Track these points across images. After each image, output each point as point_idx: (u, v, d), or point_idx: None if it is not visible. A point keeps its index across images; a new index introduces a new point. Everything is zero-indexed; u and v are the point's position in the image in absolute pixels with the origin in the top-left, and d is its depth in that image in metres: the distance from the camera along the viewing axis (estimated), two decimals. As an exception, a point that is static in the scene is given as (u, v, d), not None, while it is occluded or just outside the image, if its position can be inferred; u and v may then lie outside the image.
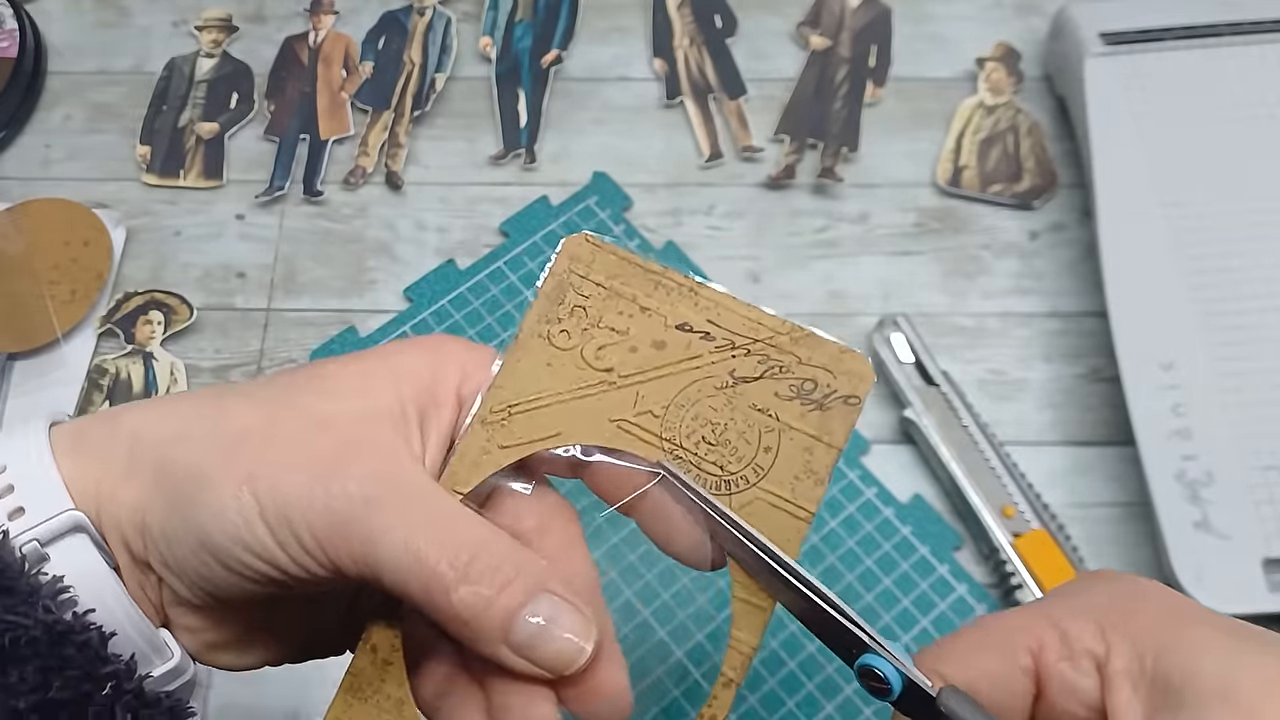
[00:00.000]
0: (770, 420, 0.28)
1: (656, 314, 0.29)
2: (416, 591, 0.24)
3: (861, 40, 0.61)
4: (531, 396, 0.28)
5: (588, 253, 0.29)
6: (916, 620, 0.46)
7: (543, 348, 0.28)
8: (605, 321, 0.29)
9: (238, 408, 0.25)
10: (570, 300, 0.29)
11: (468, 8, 0.63)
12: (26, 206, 0.56)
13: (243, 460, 0.24)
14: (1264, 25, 0.53)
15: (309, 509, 0.23)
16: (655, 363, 0.28)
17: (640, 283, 0.29)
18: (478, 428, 0.27)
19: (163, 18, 0.63)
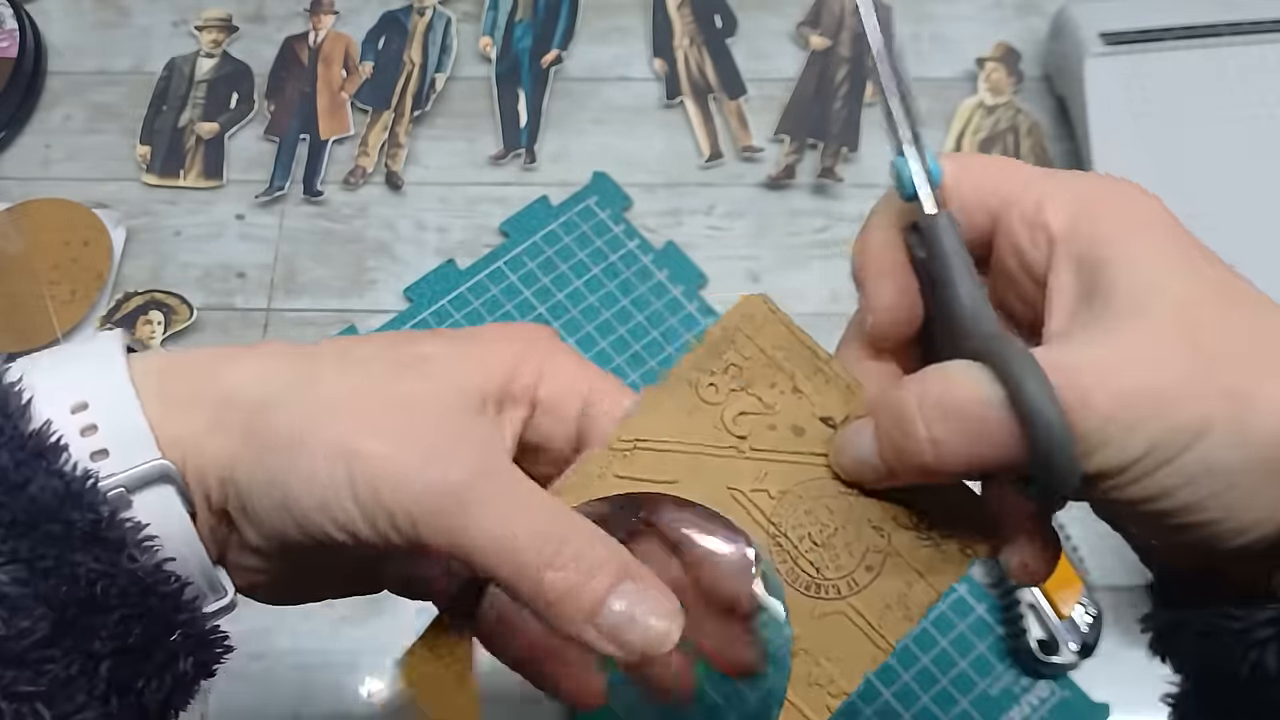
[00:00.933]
0: (882, 541, 0.27)
1: (807, 399, 0.28)
2: (506, 574, 0.24)
3: (861, 40, 0.61)
4: (662, 438, 0.28)
5: (761, 315, 0.29)
6: (916, 620, 0.46)
7: (688, 395, 0.28)
8: (755, 389, 0.29)
9: (332, 376, 0.25)
10: (729, 357, 0.29)
11: (468, 8, 0.63)
12: (26, 206, 0.56)
13: (336, 432, 0.24)
14: (1264, 25, 0.53)
15: (404, 491, 0.24)
16: (789, 446, 0.28)
17: (802, 363, 0.29)
18: (602, 451, 0.27)
19: (163, 18, 0.63)
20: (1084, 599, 0.45)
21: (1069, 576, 0.45)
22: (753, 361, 0.29)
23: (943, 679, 0.45)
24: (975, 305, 0.25)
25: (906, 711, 0.44)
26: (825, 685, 0.27)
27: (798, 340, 0.29)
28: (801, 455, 0.28)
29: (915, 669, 0.45)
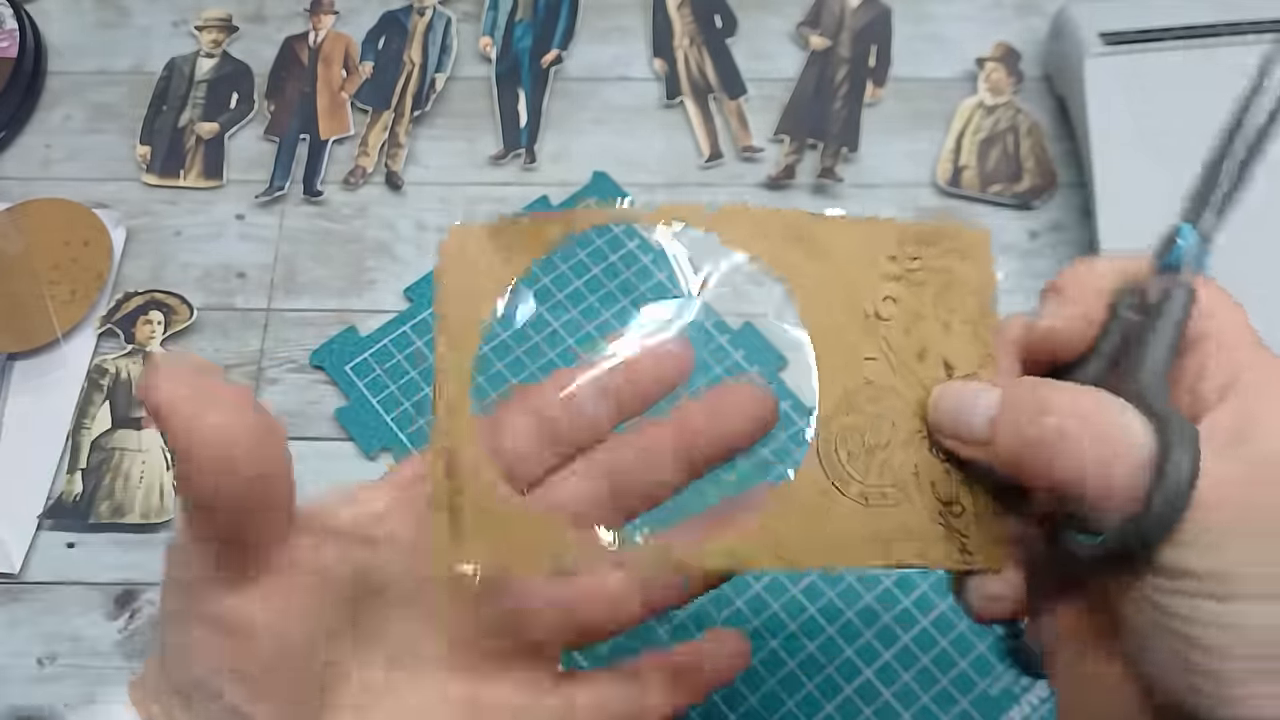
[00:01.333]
0: (913, 491, 0.28)
1: (951, 337, 0.30)
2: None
3: (861, 40, 0.61)
4: (831, 252, 0.31)
5: (979, 252, 0.30)
6: (916, 620, 0.46)
7: (876, 240, 0.31)
8: (922, 293, 0.30)
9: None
10: (930, 254, 0.30)
11: (468, 8, 0.63)
12: (26, 206, 0.56)
13: None
14: (1264, 25, 0.53)
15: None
16: (905, 356, 0.29)
17: (970, 309, 0.30)
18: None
19: (163, 18, 0.63)
20: (1084, 599, 0.45)
21: (1069, 576, 0.45)
22: (939, 274, 0.29)
23: (943, 679, 0.45)
24: (1159, 375, 0.25)
25: (906, 711, 0.44)
26: (777, 545, 0.28)
27: (983, 292, 0.30)
28: (908, 371, 0.29)
29: (915, 669, 0.45)
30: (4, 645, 0.47)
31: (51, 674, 0.46)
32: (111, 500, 0.49)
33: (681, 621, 0.46)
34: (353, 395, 0.51)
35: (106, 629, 0.47)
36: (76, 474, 0.50)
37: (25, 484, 0.50)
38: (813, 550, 0.28)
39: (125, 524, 0.49)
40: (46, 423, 0.51)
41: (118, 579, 0.48)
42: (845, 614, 0.46)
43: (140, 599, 0.47)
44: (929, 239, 0.30)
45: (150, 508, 0.49)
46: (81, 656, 0.46)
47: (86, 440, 0.51)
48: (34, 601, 0.48)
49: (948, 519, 0.28)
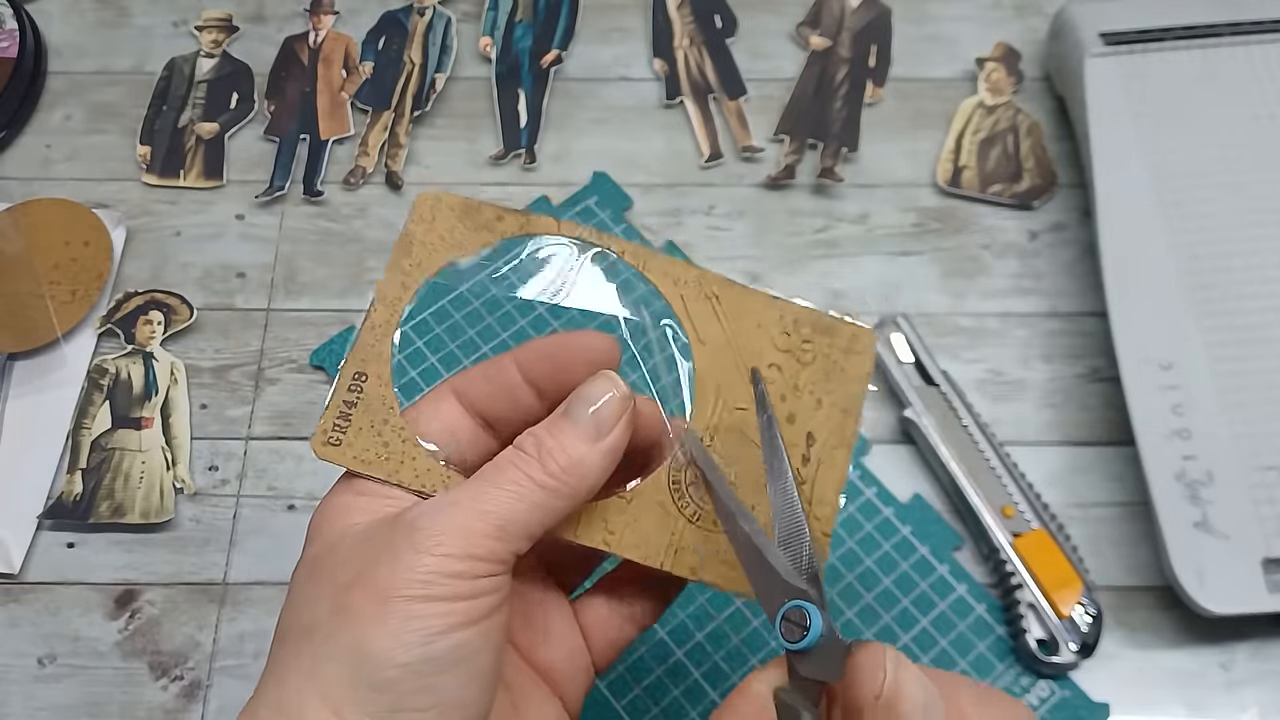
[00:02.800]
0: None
1: (821, 413, 0.33)
2: (543, 500, 0.28)
3: (861, 40, 0.61)
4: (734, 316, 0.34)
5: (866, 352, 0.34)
6: (916, 620, 0.46)
7: (775, 316, 0.33)
8: (804, 374, 0.33)
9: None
10: (815, 346, 0.33)
11: (468, 8, 0.63)
12: (26, 206, 0.56)
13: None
14: (1264, 25, 0.53)
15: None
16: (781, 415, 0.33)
17: (847, 399, 0.33)
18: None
19: (163, 18, 0.63)
20: (1084, 599, 0.45)
21: (1069, 576, 0.45)
22: (825, 359, 0.33)
23: (943, 679, 0.45)
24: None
25: (906, 711, 0.44)
26: (616, 534, 0.31)
27: (859, 384, 0.33)
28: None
29: (915, 669, 0.45)
30: (4, 645, 0.47)
31: (51, 674, 0.46)
32: (111, 500, 0.49)
33: (682, 622, 0.46)
34: (353, 395, 0.51)
35: (106, 629, 0.47)
36: (76, 474, 0.50)
37: (25, 484, 0.50)
38: (632, 545, 0.31)
39: (125, 524, 0.49)
40: (46, 423, 0.51)
41: (118, 579, 0.48)
42: (845, 613, 0.46)
43: (140, 599, 0.47)
44: (824, 329, 0.33)
45: (150, 508, 0.49)
46: (81, 656, 0.46)
47: (86, 440, 0.51)
48: (34, 601, 0.48)
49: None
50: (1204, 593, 0.43)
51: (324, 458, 0.30)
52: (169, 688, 0.46)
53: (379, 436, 0.30)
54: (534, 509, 0.28)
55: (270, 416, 0.51)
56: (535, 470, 0.28)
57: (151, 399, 0.52)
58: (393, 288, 0.32)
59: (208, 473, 0.50)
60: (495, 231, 0.33)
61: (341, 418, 0.30)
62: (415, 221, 0.33)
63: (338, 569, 0.28)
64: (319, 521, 0.30)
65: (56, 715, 0.45)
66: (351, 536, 0.28)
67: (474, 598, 0.27)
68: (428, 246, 0.33)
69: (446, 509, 0.27)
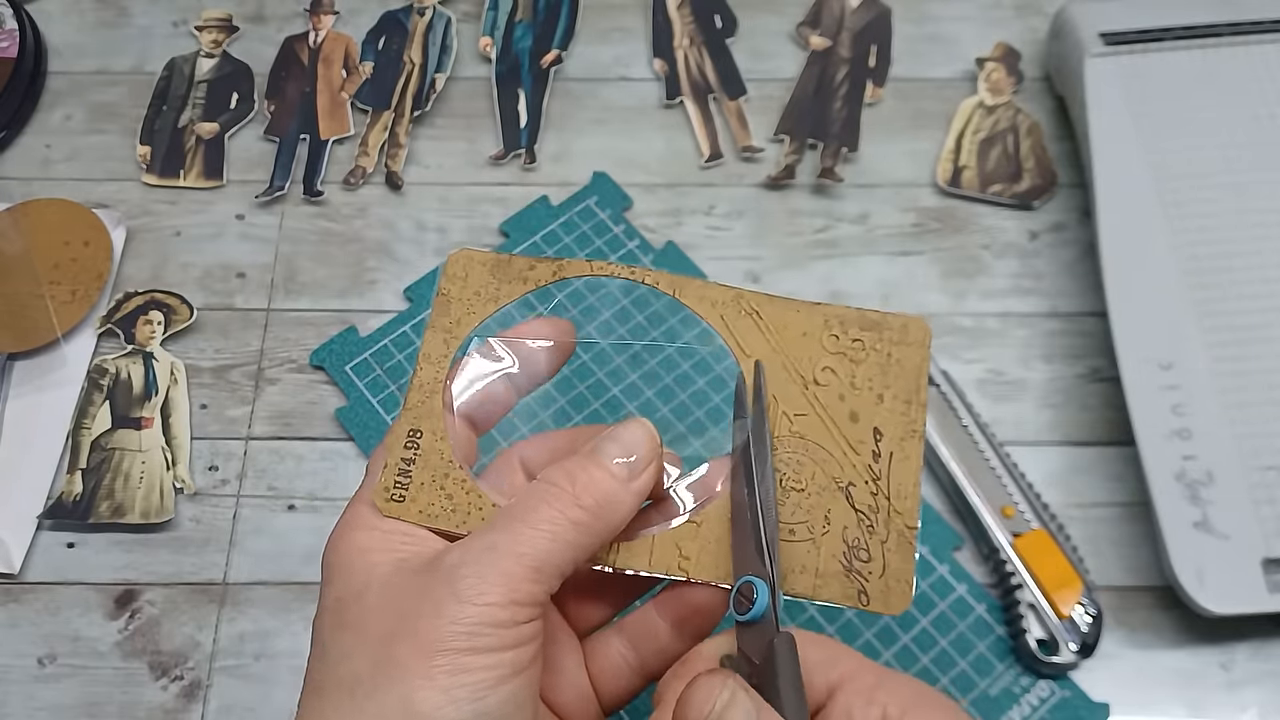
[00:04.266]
0: (821, 536, 0.31)
1: (883, 408, 0.33)
2: (575, 538, 0.28)
3: (861, 40, 0.61)
4: (773, 325, 0.34)
5: (922, 346, 0.34)
6: (916, 620, 0.46)
7: (821, 323, 0.34)
8: (860, 369, 0.33)
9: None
10: (870, 338, 0.34)
11: (468, 8, 0.63)
12: (26, 206, 0.56)
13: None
14: (1264, 25, 0.53)
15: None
16: (835, 417, 0.33)
17: (906, 387, 0.34)
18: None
19: (163, 18, 0.63)
20: (1084, 599, 0.45)
21: (1069, 576, 0.45)
22: (879, 353, 0.33)
23: (943, 679, 0.45)
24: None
25: (906, 711, 0.44)
26: (692, 559, 0.30)
27: (918, 374, 0.33)
28: (838, 430, 0.32)
29: (915, 669, 0.45)
30: (4, 645, 0.47)
31: (51, 674, 0.46)
32: (111, 500, 0.49)
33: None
34: (352, 395, 0.51)
35: (106, 629, 0.47)
36: (76, 474, 0.50)
37: (25, 484, 0.50)
38: (710, 569, 0.30)
39: (125, 524, 0.49)
40: (46, 423, 0.51)
41: (118, 579, 0.48)
42: (845, 613, 0.46)
43: (140, 599, 0.47)
44: (871, 325, 0.33)
45: (150, 508, 0.49)
46: (81, 656, 0.46)
47: (86, 440, 0.51)
48: (34, 601, 0.48)
49: (851, 561, 0.30)
50: (1204, 593, 0.43)
51: (390, 514, 0.30)
52: (169, 688, 0.46)
53: (442, 489, 0.30)
54: (567, 548, 0.28)
55: (270, 416, 0.51)
56: (568, 506, 0.28)
57: (151, 399, 0.52)
58: (436, 346, 0.33)
59: (208, 473, 0.50)
60: (530, 281, 0.34)
61: (402, 475, 0.30)
62: (449, 280, 0.34)
63: (371, 619, 0.27)
64: (336, 560, 0.29)
65: (56, 715, 0.45)
66: (379, 582, 0.27)
67: (519, 646, 0.26)
68: (464, 303, 0.33)
69: (484, 554, 0.27)
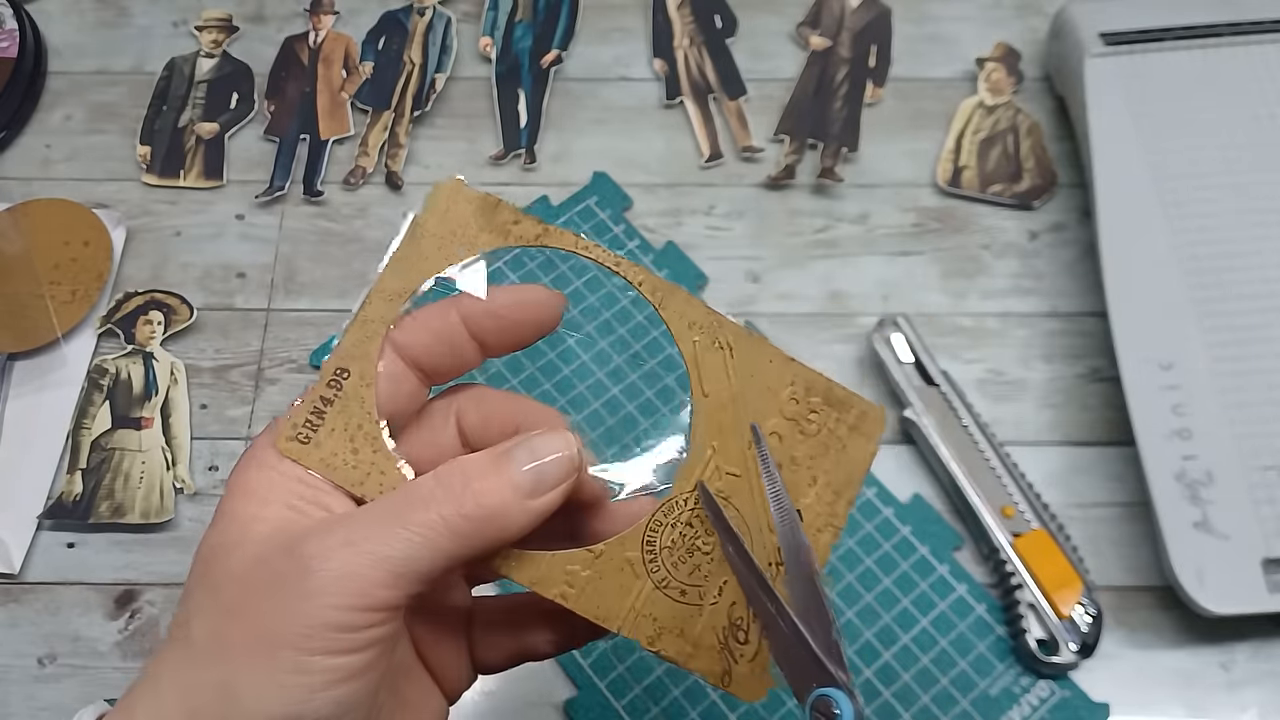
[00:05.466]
0: (709, 600, 0.29)
1: (814, 494, 0.31)
2: (449, 547, 0.26)
3: (861, 40, 0.61)
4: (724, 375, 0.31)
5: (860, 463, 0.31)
6: (916, 620, 0.46)
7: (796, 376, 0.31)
8: (793, 450, 0.31)
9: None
10: (822, 418, 0.31)
11: (468, 8, 0.63)
12: (26, 206, 0.56)
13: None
14: (1264, 25, 0.53)
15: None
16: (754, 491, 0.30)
17: (839, 477, 0.31)
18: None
19: (163, 18, 0.63)
20: (1084, 599, 0.45)
21: (1069, 576, 0.45)
22: (829, 434, 0.30)
23: (943, 679, 0.45)
24: None
25: (906, 711, 0.44)
26: (567, 584, 0.28)
27: (858, 466, 0.30)
28: (761, 502, 0.30)
29: (915, 669, 0.45)
30: (4, 645, 0.47)
31: (51, 674, 0.46)
32: (111, 500, 0.49)
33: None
34: (353, 395, 0.51)
35: (106, 629, 0.47)
36: (76, 474, 0.50)
37: (25, 484, 0.50)
38: (592, 603, 0.28)
39: (125, 524, 0.49)
40: (46, 423, 0.51)
41: (118, 579, 0.48)
42: (845, 613, 0.46)
43: (140, 599, 0.47)
44: (834, 401, 0.31)
45: (150, 508, 0.49)
46: (81, 656, 0.46)
47: (86, 440, 0.51)
48: (34, 601, 0.48)
49: (728, 640, 0.29)
50: (1204, 593, 0.43)
51: (289, 455, 0.27)
52: (169, 688, 0.46)
53: (350, 442, 0.27)
54: (437, 555, 0.26)
55: (270, 416, 0.51)
56: (450, 511, 0.26)
57: (151, 399, 0.52)
58: (393, 281, 0.30)
59: (208, 473, 0.50)
60: (510, 236, 0.30)
61: (315, 414, 0.28)
62: (429, 211, 0.31)
63: (225, 584, 0.26)
64: (227, 496, 0.27)
65: (56, 715, 0.45)
66: (249, 544, 0.26)
67: (359, 651, 0.25)
68: (437, 240, 0.31)
69: (341, 549, 0.25)
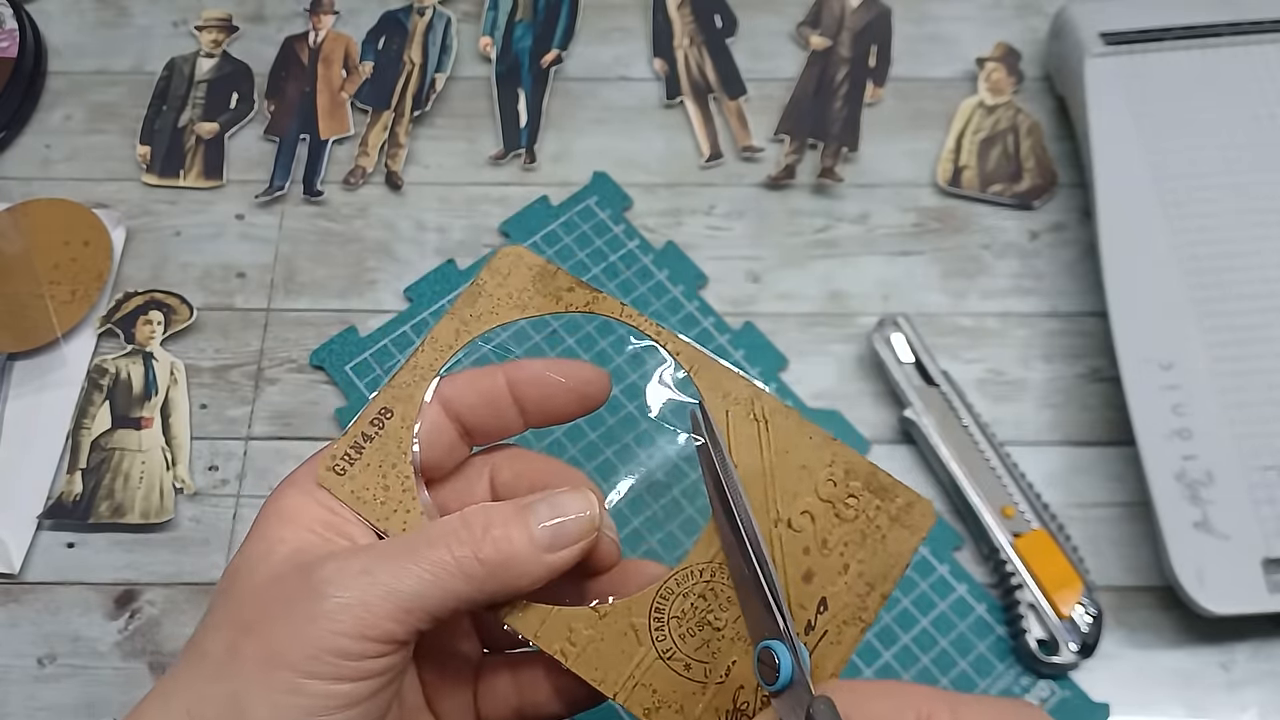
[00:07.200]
0: (714, 679, 0.29)
1: (844, 582, 0.30)
2: (460, 588, 0.26)
3: (861, 40, 0.61)
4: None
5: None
6: (916, 620, 0.46)
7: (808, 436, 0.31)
8: (833, 547, 0.30)
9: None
10: (854, 506, 0.31)
11: (468, 8, 0.63)
12: (26, 206, 0.56)
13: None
14: (1264, 25, 0.53)
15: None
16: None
17: (873, 567, 0.30)
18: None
19: (163, 18, 0.63)
20: (1084, 599, 0.45)
21: (1069, 576, 0.45)
22: (868, 522, 0.29)
23: (943, 679, 0.45)
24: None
25: (906, 711, 0.44)
26: (568, 641, 0.28)
27: (897, 561, 0.29)
28: (784, 585, 0.29)
29: (915, 669, 0.45)
30: (4, 645, 0.47)
31: (51, 674, 0.46)
32: (111, 500, 0.49)
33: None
34: (353, 395, 0.51)
35: (106, 629, 0.47)
36: (76, 474, 0.50)
37: (25, 484, 0.50)
38: (591, 664, 0.28)
39: (125, 524, 0.49)
40: (46, 423, 0.51)
41: (118, 579, 0.48)
42: (845, 614, 0.46)
43: (140, 599, 0.47)
44: (877, 488, 0.29)
45: (150, 508, 0.49)
46: (81, 656, 0.46)
47: (86, 440, 0.51)
48: (34, 601, 0.48)
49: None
50: (1204, 593, 0.43)
51: (324, 484, 0.29)
52: (169, 688, 0.46)
53: (383, 479, 0.29)
54: (447, 595, 0.26)
55: (270, 416, 0.51)
56: (466, 553, 0.26)
57: (151, 399, 0.52)
58: (447, 334, 0.31)
59: (208, 473, 0.50)
60: (562, 302, 0.32)
61: (354, 449, 0.29)
62: (490, 273, 0.32)
63: (245, 599, 0.27)
64: (263, 515, 0.29)
65: (56, 715, 0.45)
66: (273, 563, 0.27)
67: (359, 679, 0.25)
68: (494, 301, 0.32)
69: (357, 578, 0.26)
